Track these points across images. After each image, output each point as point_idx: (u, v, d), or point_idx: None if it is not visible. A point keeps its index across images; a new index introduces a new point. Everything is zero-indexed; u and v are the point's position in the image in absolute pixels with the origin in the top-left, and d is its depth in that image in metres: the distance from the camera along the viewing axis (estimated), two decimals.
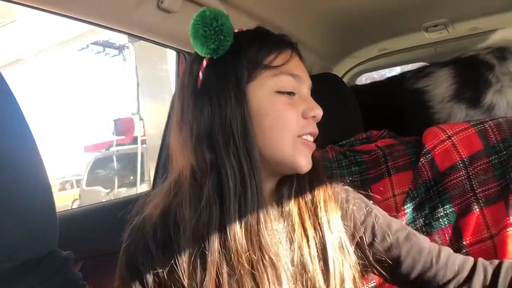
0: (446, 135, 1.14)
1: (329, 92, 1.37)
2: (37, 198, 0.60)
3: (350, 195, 0.84)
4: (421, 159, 1.15)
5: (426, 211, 1.11)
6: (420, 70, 1.63)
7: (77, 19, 1.10)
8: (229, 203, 0.69)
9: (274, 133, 0.74)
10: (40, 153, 0.60)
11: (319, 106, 0.78)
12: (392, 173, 1.20)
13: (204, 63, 0.76)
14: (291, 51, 0.79)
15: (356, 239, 0.80)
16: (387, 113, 1.59)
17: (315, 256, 0.74)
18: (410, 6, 1.58)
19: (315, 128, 0.79)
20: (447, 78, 1.51)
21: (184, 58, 1.57)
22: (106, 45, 11.24)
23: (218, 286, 0.68)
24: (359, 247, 0.80)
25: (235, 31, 0.78)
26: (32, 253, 0.60)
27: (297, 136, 0.76)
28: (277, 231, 0.75)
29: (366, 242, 0.80)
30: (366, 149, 1.28)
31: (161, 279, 0.73)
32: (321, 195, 0.79)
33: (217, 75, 0.75)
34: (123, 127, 8.36)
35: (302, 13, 1.54)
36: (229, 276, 0.68)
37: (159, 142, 1.83)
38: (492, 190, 1.05)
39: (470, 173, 1.09)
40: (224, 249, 0.69)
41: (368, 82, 1.99)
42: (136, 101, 8.16)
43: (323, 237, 0.75)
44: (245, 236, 0.69)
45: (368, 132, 1.37)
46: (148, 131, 7.44)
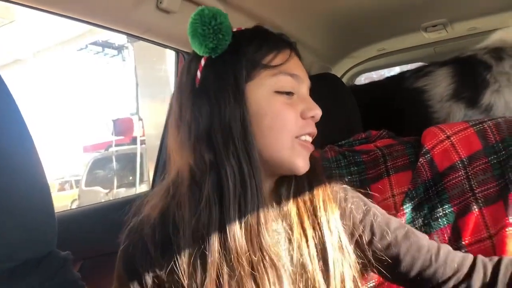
0: (445, 135, 1.14)
1: (328, 92, 1.37)
2: (36, 198, 0.60)
3: (348, 194, 0.84)
4: (420, 159, 1.15)
5: (425, 211, 1.11)
6: (419, 69, 1.63)
7: (76, 19, 1.10)
8: (229, 204, 0.69)
9: (272, 133, 0.73)
10: (38, 153, 0.60)
11: (318, 106, 0.78)
12: (391, 173, 1.20)
13: (202, 62, 0.75)
14: (290, 50, 0.79)
15: (355, 238, 0.80)
16: (386, 113, 1.59)
17: (315, 256, 0.73)
18: (409, 6, 1.58)
19: (313, 128, 0.78)
20: (446, 77, 1.51)
21: (183, 58, 1.57)
22: (105, 45, 11.23)
23: (218, 287, 0.68)
24: (359, 246, 0.80)
25: (234, 30, 0.77)
26: (32, 253, 0.60)
27: (296, 136, 0.75)
28: (276, 231, 0.74)
29: (365, 240, 0.79)
30: (365, 149, 1.28)
31: (160, 280, 0.73)
32: (320, 195, 0.79)
33: (215, 74, 0.74)
34: (122, 127, 8.34)
35: (301, 13, 1.54)
36: (230, 277, 0.68)
37: (158, 142, 1.82)
38: (491, 190, 1.05)
39: (469, 173, 1.09)
40: (224, 250, 0.69)
41: (367, 82, 1.99)
42: (135, 101, 8.16)
43: (322, 237, 0.75)
44: (245, 237, 0.69)
45: (367, 132, 1.37)
46: (148, 131, 7.43)
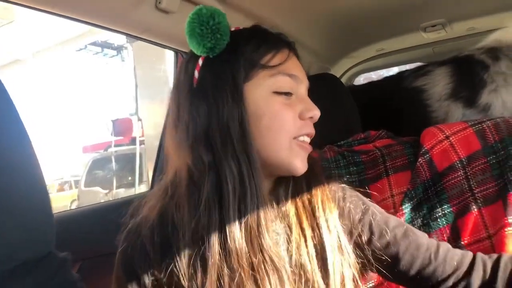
0: (444, 135, 1.14)
1: (327, 92, 1.37)
2: (35, 198, 0.60)
3: (347, 193, 0.84)
4: (419, 159, 1.15)
5: (424, 211, 1.11)
6: (418, 69, 1.63)
7: (75, 19, 1.10)
8: (229, 205, 0.69)
9: (271, 134, 0.73)
10: (36, 154, 0.60)
11: (317, 106, 0.78)
12: (390, 173, 1.20)
13: (200, 62, 0.75)
14: (289, 50, 0.78)
15: (354, 237, 0.80)
16: (385, 113, 1.59)
17: (314, 256, 0.73)
18: (408, 6, 1.58)
19: (312, 129, 0.78)
20: (445, 76, 1.51)
21: (183, 58, 1.57)
22: (105, 45, 11.24)
23: None
24: (358, 246, 0.79)
25: (232, 29, 0.77)
26: (31, 253, 0.60)
27: (294, 137, 0.75)
28: (274, 232, 0.74)
29: (364, 240, 0.79)
30: (364, 149, 1.28)
31: (160, 282, 0.72)
32: (319, 195, 0.79)
33: (213, 74, 0.74)
34: (122, 128, 8.34)
35: (300, 13, 1.54)
36: (230, 278, 0.68)
37: (157, 143, 1.82)
38: (490, 190, 1.06)
39: (468, 173, 1.09)
40: (224, 252, 0.68)
41: (366, 82, 1.99)
42: (135, 102, 8.16)
43: (321, 237, 0.75)
44: (246, 238, 0.69)
45: (366, 132, 1.37)
46: (147, 132, 7.43)
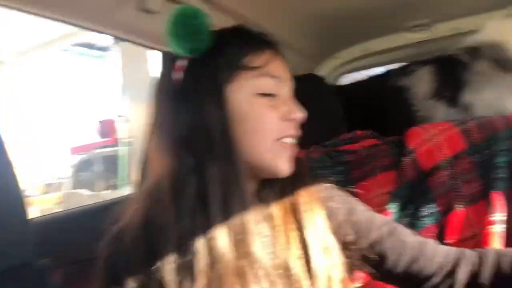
0: (429, 135, 1.15)
1: (313, 92, 1.37)
2: (9, 205, 0.57)
3: (332, 194, 0.83)
4: (405, 159, 1.16)
5: (410, 211, 1.12)
6: (402, 68, 1.64)
7: (58, 20, 1.08)
8: (213, 209, 0.67)
9: (254, 136, 0.72)
10: (10, 158, 0.58)
11: (302, 107, 0.77)
12: (376, 173, 1.21)
13: (182, 63, 0.73)
14: (272, 51, 0.77)
15: (341, 237, 0.79)
16: (371, 112, 1.59)
17: (300, 258, 0.72)
18: (393, 6, 1.58)
19: (296, 130, 0.77)
20: (428, 76, 1.51)
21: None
22: (91, 46, 11.14)
23: None
24: (344, 245, 0.79)
25: (214, 29, 0.75)
26: (6, 263, 0.58)
27: (277, 139, 0.74)
28: (260, 235, 0.72)
29: (351, 239, 0.79)
30: (350, 149, 1.28)
31: None
32: (304, 196, 0.78)
33: (195, 76, 0.72)
34: (108, 129, 8.29)
35: (286, 13, 1.53)
36: (218, 284, 0.67)
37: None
38: (475, 189, 1.07)
39: (454, 173, 1.10)
40: (211, 257, 0.67)
41: (351, 81, 1.99)
42: (122, 103, 8.10)
43: (307, 238, 0.74)
44: (231, 243, 0.68)
45: (352, 132, 1.37)
46: (134, 133, 7.38)
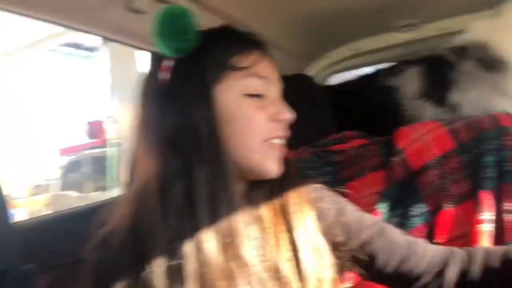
0: (418, 135, 1.15)
1: (302, 93, 1.37)
2: None
3: (322, 194, 0.83)
4: (394, 159, 1.16)
5: (399, 211, 1.12)
6: (391, 68, 1.65)
7: (44, 20, 1.07)
8: (201, 212, 0.67)
9: (242, 137, 0.71)
10: None
11: (290, 108, 0.76)
12: (365, 173, 1.21)
13: (168, 63, 0.72)
14: (260, 51, 0.76)
15: (330, 238, 0.78)
16: (360, 112, 1.60)
17: (290, 260, 0.72)
18: (382, 6, 1.58)
19: (285, 131, 0.77)
20: (416, 76, 1.52)
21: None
22: (78, 46, 11.06)
23: None
24: (334, 246, 0.78)
25: (201, 29, 0.74)
26: None
27: (265, 140, 0.73)
28: (249, 237, 0.71)
29: (340, 240, 0.78)
30: (339, 149, 1.28)
31: None
32: (294, 197, 0.77)
33: (181, 76, 0.71)
34: (96, 130, 8.23)
35: (274, 13, 1.53)
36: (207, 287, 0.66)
37: None
38: (464, 188, 1.07)
39: (443, 172, 1.10)
40: (200, 261, 0.66)
41: (340, 81, 2.00)
42: (111, 103, 8.06)
43: (296, 240, 0.73)
44: (220, 245, 0.67)
45: (341, 133, 1.37)
46: (123, 134, 7.34)
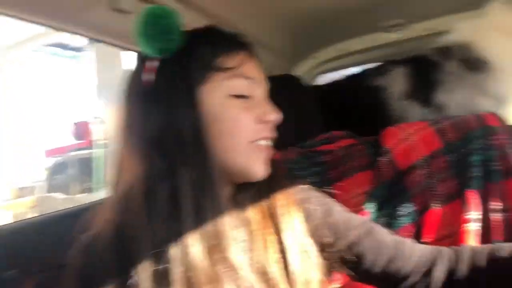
0: (405, 135, 1.16)
1: (289, 93, 1.37)
2: None
3: (309, 194, 0.83)
4: (381, 159, 1.16)
5: (387, 210, 1.12)
6: (378, 68, 1.65)
7: (27, 20, 1.05)
8: (186, 216, 0.65)
9: (228, 139, 0.71)
10: None
11: (277, 108, 0.76)
12: (353, 173, 1.21)
13: (152, 64, 0.71)
14: (246, 52, 0.76)
15: (318, 239, 0.78)
16: (347, 112, 1.60)
17: (277, 262, 0.71)
18: (369, 6, 1.59)
19: (271, 132, 0.76)
20: (403, 76, 1.53)
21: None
22: (64, 46, 10.96)
23: None
24: (322, 247, 0.78)
25: (186, 29, 0.73)
26: None
27: (251, 141, 0.72)
28: (237, 240, 0.70)
29: (328, 240, 0.78)
30: (326, 149, 1.28)
31: None
32: (281, 199, 0.77)
33: (166, 77, 0.70)
34: (83, 131, 8.16)
35: (262, 13, 1.53)
36: None
37: None
38: (451, 188, 1.08)
39: (430, 172, 1.11)
40: (185, 265, 0.65)
41: (328, 81, 2.00)
42: (97, 104, 7.99)
43: (284, 242, 0.73)
44: (206, 249, 0.66)
45: (329, 133, 1.37)
46: (110, 135, 7.28)
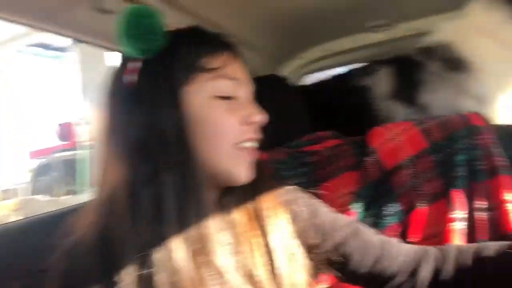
0: (391, 134, 1.16)
1: (275, 94, 1.37)
2: None
3: (296, 196, 0.82)
4: (367, 159, 1.17)
5: (374, 210, 1.13)
6: (364, 68, 1.66)
7: (8, 20, 1.03)
8: (170, 219, 0.64)
9: (212, 141, 0.70)
10: None
11: (262, 109, 0.75)
12: (339, 173, 1.21)
13: (135, 65, 0.70)
14: (230, 52, 0.74)
15: (305, 240, 0.78)
16: (334, 112, 1.61)
17: (264, 265, 0.71)
18: (355, 6, 1.59)
19: (257, 133, 0.75)
20: (388, 76, 1.54)
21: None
22: (47, 46, 10.85)
23: None
24: (308, 248, 0.78)
25: (169, 30, 0.72)
26: None
27: (236, 143, 0.71)
28: (222, 243, 0.69)
29: (315, 241, 0.78)
30: (313, 150, 1.28)
31: None
32: (267, 200, 0.76)
33: (149, 78, 0.69)
34: (67, 132, 8.09)
35: (247, 13, 1.52)
36: None
37: None
38: (436, 187, 1.08)
39: (415, 172, 1.11)
40: (170, 269, 0.64)
41: (314, 81, 2.01)
42: (82, 105, 7.92)
43: (271, 244, 0.72)
44: (190, 253, 0.65)
45: (315, 133, 1.37)
46: (94, 136, 7.20)
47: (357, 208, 1.13)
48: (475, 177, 1.06)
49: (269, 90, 1.28)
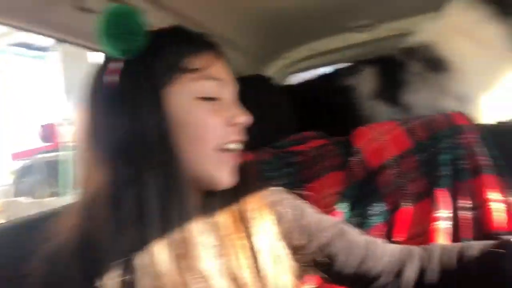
0: (376, 134, 1.16)
1: (260, 94, 1.36)
2: None
3: (281, 197, 0.82)
4: (352, 159, 1.17)
5: (359, 210, 1.13)
6: (349, 68, 1.66)
7: None
8: (153, 223, 0.63)
9: (195, 144, 0.68)
10: None
11: (247, 110, 0.74)
12: (324, 173, 1.21)
13: (116, 65, 0.69)
14: (213, 52, 0.74)
15: (290, 241, 0.78)
16: (319, 112, 1.61)
17: (249, 267, 0.70)
18: (339, 6, 1.60)
19: (241, 135, 0.74)
20: (372, 76, 1.55)
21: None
22: (29, 46, 10.71)
23: None
24: (294, 249, 0.78)
25: (151, 30, 0.71)
26: None
27: (220, 145, 0.70)
28: (206, 246, 0.68)
29: (300, 242, 0.78)
30: (298, 150, 1.28)
31: None
32: (252, 202, 0.76)
33: (130, 79, 0.68)
34: (50, 133, 7.98)
35: (231, 13, 1.51)
36: None
37: None
38: (421, 187, 1.09)
39: (400, 171, 1.12)
40: (153, 274, 0.62)
41: (300, 81, 2.01)
42: (65, 105, 7.82)
43: (255, 246, 0.72)
44: (173, 257, 0.64)
45: (300, 133, 1.37)
46: (76, 137, 7.11)
47: (342, 208, 1.13)
48: (459, 176, 1.06)
49: (253, 91, 1.27)
